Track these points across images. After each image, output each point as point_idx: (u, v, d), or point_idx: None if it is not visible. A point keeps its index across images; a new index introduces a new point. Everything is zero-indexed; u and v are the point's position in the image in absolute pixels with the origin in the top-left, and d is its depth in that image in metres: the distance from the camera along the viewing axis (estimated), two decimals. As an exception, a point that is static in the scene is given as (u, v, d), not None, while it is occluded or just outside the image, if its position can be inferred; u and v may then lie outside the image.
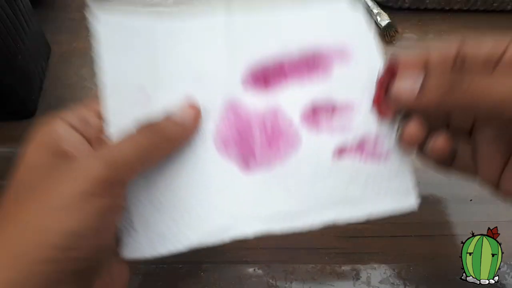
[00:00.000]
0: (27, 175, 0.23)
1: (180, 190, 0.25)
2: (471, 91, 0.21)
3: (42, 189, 0.21)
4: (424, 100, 0.22)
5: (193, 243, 0.25)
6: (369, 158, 0.26)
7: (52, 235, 0.20)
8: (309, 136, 0.26)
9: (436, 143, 0.24)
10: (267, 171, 0.26)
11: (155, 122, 0.24)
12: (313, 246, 0.34)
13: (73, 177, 0.21)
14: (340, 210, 0.25)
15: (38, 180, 0.22)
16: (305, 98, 0.27)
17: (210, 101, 0.27)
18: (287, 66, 0.28)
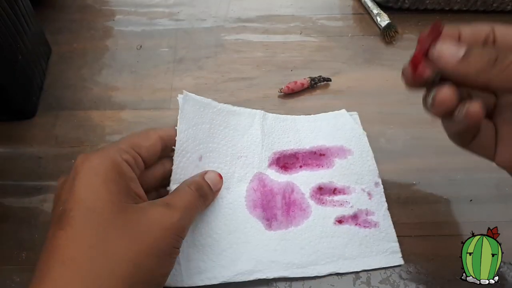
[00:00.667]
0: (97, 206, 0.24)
1: (218, 236, 0.33)
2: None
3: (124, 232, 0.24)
4: (465, 67, 0.23)
5: (224, 280, 0.32)
6: (362, 225, 0.35)
7: (158, 275, 0.25)
8: (316, 207, 0.35)
9: (471, 108, 0.24)
10: (285, 230, 0.34)
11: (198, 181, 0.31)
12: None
13: (159, 224, 0.25)
14: (340, 264, 0.33)
15: (118, 219, 0.24)
16: (313, 181, 0.37)
17: (245, 174, 0.36)
18: (300, 157, 0.38)
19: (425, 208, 0.36)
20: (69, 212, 0.23)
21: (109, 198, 0.24)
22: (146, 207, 0.25)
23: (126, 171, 0.26)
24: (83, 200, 0.24)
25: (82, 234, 0.23)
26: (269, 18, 0.49)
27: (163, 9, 0.50)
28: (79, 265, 0.22)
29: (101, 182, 0.24)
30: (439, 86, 0.25)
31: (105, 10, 0.50)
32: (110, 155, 0.26)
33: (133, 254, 0.23)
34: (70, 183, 0.25)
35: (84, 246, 0.22)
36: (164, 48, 0.46)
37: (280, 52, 0.46)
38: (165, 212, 0.25)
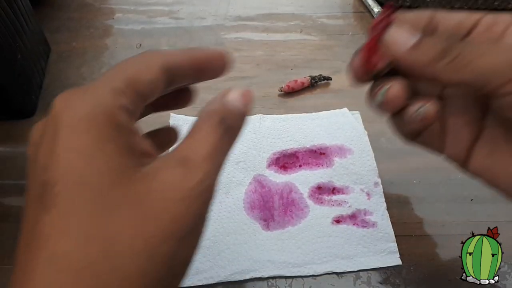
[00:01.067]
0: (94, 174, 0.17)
1: (215, 239, 0.33)
2: (459, 60, 0.21)
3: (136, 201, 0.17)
4: (415, 56, 0.22)
5: (221, 279, 0.32)
6: (360, 225, 0.34)
7: (179, 264, 0.18)
8: (314, 207, 0.35)
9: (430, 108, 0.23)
10: (282, 230, 0.34)
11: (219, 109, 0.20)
12: (312, 246, 0.34)
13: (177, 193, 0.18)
14: (337, 263, 0.33)
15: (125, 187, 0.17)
16: (313, 180, 0.37)
17: (243, 178, 0.36)
18: (300, 156, 0.38)
19: (425, 207, 0.36)
20: (53, 186, 0.17)
21: (105, 165, 0.17)
22: (155, 169, 0.18)
23: (125, 122, 0.18)
24: (70, 169, 0.17)
25: (73, 220, 0.16)
26: (269, 17, 0.49)
27: (163, 8, 0.49)
28: (75, 265, 0.16)
29: (93, 143, 0.17)
30: (390, 81, 0.24)
31: (105, 9, 0.49)
32: (101, 101, 0.18)
33: (143, 242, 0.16)
34: (49, 142, 0.17)
35: (78, 237, 0.16)
36: (164, 47, 0.46)
37: (280, 51, 0.46)
38: (180, 173, 0.18)
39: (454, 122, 0.25)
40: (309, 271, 0.32)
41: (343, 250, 0.33)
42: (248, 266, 0.32)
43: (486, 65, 0.20)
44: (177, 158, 0.18)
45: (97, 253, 0.16)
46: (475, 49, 0.21)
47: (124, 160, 0.17)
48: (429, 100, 0.24)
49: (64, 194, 0.16)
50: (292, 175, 0.37)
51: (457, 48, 0.21)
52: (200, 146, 0.19)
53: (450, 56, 0.21)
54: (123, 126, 0.18)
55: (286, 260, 0.33)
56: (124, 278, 0.16)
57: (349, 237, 0.34)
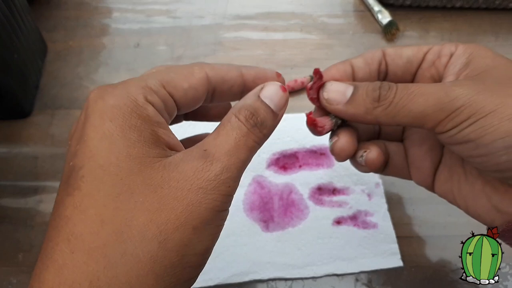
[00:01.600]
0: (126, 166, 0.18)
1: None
2: (393, 107, 0.21)
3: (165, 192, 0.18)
4: (352, 109, 0.23)
5: (220, 281, 0.31)
6: (361, 226, 0.34)
7: (192, 254, 0.18)
8: (315, 208, 0.35)
9: (369, 156, 0.25)
10: (282, 232, 0.34)
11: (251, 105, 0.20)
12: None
13: (206, 185, 0.18)
14: (338, 265, 0.33)
15: (153, 177, 0.18)
16: (313, 181, 0.36)
17: (243, 178, 0.35)
18: (300, 156, 0.38)
19: (426, 209, 0.36)
20: (78, 171, 0.18)
21: (127, 152, 0.18)
22: (177, 160, 0.19)
23: (152, 115, 0.19)
24: (94, 154, 0.18)
25: (92, 202, 0.17)
26: (269, 15, 0.48)
27: (161, 7, 0.49)
28: (88, 244, 0.17)
29: (118, 130, 0.18)
30: (337, 134, 0.25)
31: (102, 8, 0.49)
32: (130, 94, 0.19)
33: (156, 228, 0.17)
34: (80, 130, 0.19)
35: (94, 219, 0.17)
36: (162, 46, 0.46)
37: (280, 50, 0.46)
38: (200, 165, 0.18)
39: (415, 153, 0.26)
40: (309, 273, 0.32)
41: (344, 251, 0.33)
42: (247, 268, 0.32)
43: (417, 108, 0.21)
44: (198, 151, 0.19)
45: (109, 235, 0.17)
46: (406, 94, 0.21)
47: (146, 149, 0.18)
48: (368, 147, 0.25)
49: (87, 178, 0.18)
50: (292, 176, 0.37)
51: (389, 95, 0.22)
52: (223, 141, 0.19)
53: (384, 104, 0.22)
54: (149, 118, 0.19)
55: (286, 261, 0.32)
56: (134, 262, 0.17)
57: (350, 238, 0.33)
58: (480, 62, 0.22)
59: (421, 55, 0.24)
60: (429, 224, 0.35)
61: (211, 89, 0.22)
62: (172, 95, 0.20)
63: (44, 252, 0.17)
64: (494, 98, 0.20)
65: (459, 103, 0.20)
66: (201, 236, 0.18)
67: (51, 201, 0.36)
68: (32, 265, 0.33)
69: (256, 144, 0.20)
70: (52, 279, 0.16)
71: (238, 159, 0.19)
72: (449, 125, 0.20)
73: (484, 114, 0.20)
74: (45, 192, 0.37)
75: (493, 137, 0.20)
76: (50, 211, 0.36)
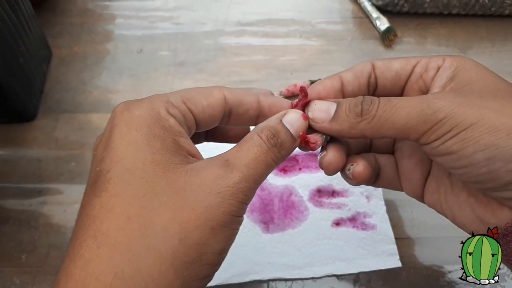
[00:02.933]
0: (149, 170, 0.20)
1: None
2: (376, 120, 0.22)
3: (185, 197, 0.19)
4: (337, 126, 0.23)
5: (220, 281, 0.32)
6: (360, 228, 0.35)
7: (209, 252, 0.19)
8: (314, 209, 0.36)
9: (356, 169, 0.25)
10: (282, 233, 0.34)
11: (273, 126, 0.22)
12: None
13: (222, 190, 0.20)
14: (337, 266, 0.33)
15: (174, 183, 0.19)
16: (312, 183, 0.37)
17: None
18: (300, 159, 0.38)
19: (425, 210, 0.36)
20: (105, 174, 0.19)
21: (152, 158, 0.19)
22: (199, 167, 0.20)
23: (173, 125, 0.21)
24: (121, 159, 0.19)
25: (119, 201, 0.19)
26: (269, 22, 0.49)
27: (163, 13, 0.50)
28: (113, 240, 0.18)
29: (143, 138, 0.20)
30: (325, 150, 0.25)
31: (106, 14, 0.50)
32: (154, 107, 0.21)
33: (178, 226, 0.18)
34: (106, 138, 0.21)
35: (120, 216, 0.18)
36: (165, 52, 0.47)
37: (280, 56, 0.46)
38: (221, 172, 0.20)
39: (404, 164, 0.27)
40: (309, 274, 0.33)
41: (343, 252, 0.33)
42: (248, 268, 0.32)
43: (400, 121, 0.21)
44: (220, 160, 0.21)
45: (134, 231, 0.18)
46: (389, 107, 0.22)
47: (169, 156, 0.20)
48: (356, 161, 0.25)
49: (114, 180, 0.19)
50: (292, 178, 0.37)
51: (371, 109, 0.22)
52: (244, 154, 0.21)
53: (367, 118, 0.22)
54: (171, 128, 0.21)
55: (286, 262, 0.33)
56: (157, 257, 0.18)
57: (349, 239, 0.34)
58: (465, 75, 0.23)
59: (409, 68, 0.25)
60: (427, 226, 0.35)
61: (228, 110, 0.23)
62: (192, 111, 0.22)
63: (71, 249, 0.19)
64: (475, 111, 0.20)
65: (442, 115, 0.20)
66: (218, 236, 0.20)
67: (54, 203, 0.37)
68: (35, 266, 0.34)
69: (273, 162, 0.22)
70: (79, 273, 0.18)
71: (256, 172, 0.21)
72: (432, 137, 0.21)
73: (466, 126, 0.20)
74: (49, 194, 0.37)
75: (474, 149, 0.20)
76: (53, 213, 0.36)
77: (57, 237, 0.35)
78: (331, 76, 0.25)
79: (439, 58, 0.24)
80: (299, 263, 0.33)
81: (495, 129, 0.20)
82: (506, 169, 0.20)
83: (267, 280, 0.32)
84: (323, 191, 0.37)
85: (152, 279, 0.18)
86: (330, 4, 0.51)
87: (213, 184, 0.20)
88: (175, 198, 0.19)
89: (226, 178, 0.20)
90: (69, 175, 0.38)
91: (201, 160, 0.21)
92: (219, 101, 0.23)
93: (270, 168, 0.22)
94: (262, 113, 0.24)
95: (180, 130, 0.21)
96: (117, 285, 0.17)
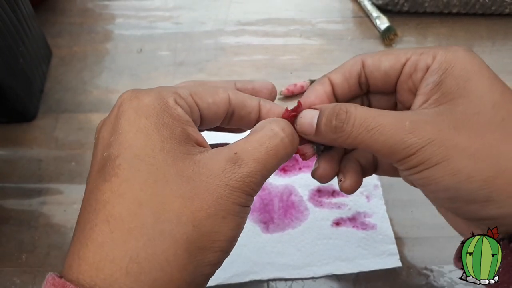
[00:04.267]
0: (153, 160, 0.19)
1: None
2: (352, 139, 0.22)
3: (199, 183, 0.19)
4: (321, 136, 0.23)
5: (220, 281, 0.32)
6: (360, 227, 0.35)
7: (222, 239, 0.20)
8: (314, 209, 0.36)
9: (343, 185, 0.25)
10: (282, 233, 0.34)
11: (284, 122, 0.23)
12: (313, 248, 0.34)
13: (227, 179, 0.20)
14: (337, 265, 0.33)
15: (182, 171, 0.19)
16: (313, 183, 0.36)
17: None
18: (300, 159, 0.38)
19: (424, 210, 0.36)
20: (115, 159, 0.19)
21: (161, 146, 0.19)
22: (207, 157, 0.20)
23: (181, 115, 0.21)
24: (131, 145, 0.19)
25: (130, 187, 0.19)
26: (269, 21, 0.49)
27: (163, 13, 0.50)
28: (127, 224, 0.18)
29: (153, 126, 0.20)
30: (317, 162, 0.25)
31: (105, 14, 0.50)
32: (162, 96, 0.21)
33: (191, 214, 0.19)
34: (113, 124, 0.20)
35: (132, 202, 0.18)
36: (165, 51, 0.47)
37: (280, 55, 0.46)
38: (229, 166, 0.20)
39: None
40: (309, 273, 0.33)
41: (343, 252, 0.33)
42: (248, 268, 0.32)
43: (375, 146, 0.21)
44: (229, 153, 0.21)
45: (148, 216, 0.18)
46: (365, 130, 0.21)
47: (177, 145, 0.20)
48: (345, 175, 0.25)
49: (124, 165, 0.19)
50: (291, 178, 0.37)
51: (346, 128, 0.22)
52: (254, 147, 0.21)
53: (342, 136, 0.22)
54: (179, 117, 0.21)
55: (286, 262, 0.33)
56: (172, 241, 0.18)
57: (349, 239, 0.34)
58: (452, 84, 0.22)
59: (398, 67, 0.24)
60: (427, 225, 0.35)
61: (231, 111, 0.24)
62: (198, 105, 0.22)
63: (81, 233, 0.19)
64: (442, 150, 0.20)
65: (412, 151, 0.21)
66: (229, 225, 0.20)
67: (54, 203, 0.37)
68: (35, 266, 0.34)
69: (285, 155, 0.22)
70: (93, 256, 0.18)
71: (265, 167, 0.21)
72: (402, 168, 0.22)
73: (431, 165, 0.20)
74: (49, 194, 0.37)
75: (436, 188, 0.21)
76: (53, 213, 0.36)
77: (57, 237, 0.35)
78: (320, 81, 0.25)
79: (429, 55, 0.23)
80: (299, 263, 0.33)
81: (457, 172, 0.20)
82: (466, 209, 0.21)
83: (267, 280, 0.32)
84: (323, 191, 0.37)
85: (168, 263, 0.18)
86: (330, 3, 0.51)
87: (221, 176, 0.20)
88: (186, 186, 0.19)
89: (234, 172, 0.20)
90: (69, 175, 0.38)
91: (210, 151, 0.21)
92: (224, 100, 0.23)
93: (281, 162, 0.22)
94: (260, 118, 0.24)
95: (188, 119, 0.21)
96: (132, 268, 0.17)
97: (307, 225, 0.35)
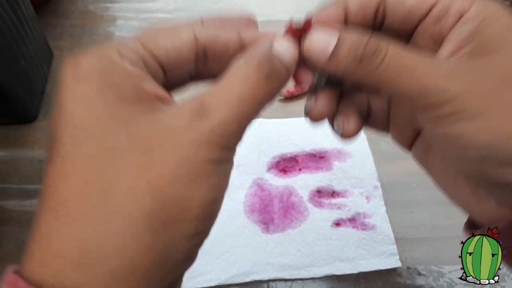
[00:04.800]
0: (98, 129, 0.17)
1: (215, 240, 0.33)
2: (377, 76, 0.19)
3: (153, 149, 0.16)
4: (331, 68, 0.19)
5: (221, 282, 0.32)
6: (360, 228, 0.35)
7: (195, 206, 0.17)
8: (314, 210, 0.36)
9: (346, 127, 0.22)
10: (282, 233, 0.34)
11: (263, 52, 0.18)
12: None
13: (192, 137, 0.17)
14: (337, 266, 0.33)
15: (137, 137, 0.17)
16: (312, 184, 0.37)
17: (243, 181, 0.37)
18: (300, 160, 0.38)
19: (424, 210, 0.36)
20: (57, 139, 0.17)
21: (107, 111, 0.16)
22: (169, 114, 0.17)
23: (130, 70, 0.17)
24: (71, 117, 0.17)
25: (72, 166, 0.16)
26: (270, 23, 0.49)
27: (164, 15, 0.50)
28: (72, 210, 0.15)
29: (94, 90, 0.17)
30: (314, 98, 0.22)
31: (107, 16, 0.50)
32: (104, 53, 0.18)
33: (147, 184, 0.16)
34: (57, 100, 0.18)
35: (77, 182, 0.16)
36: (165, 53, 0.47)
37: (280, 57, 0.46)
38: (195, 118, 0.17)
39: (397, 115, 0.24)
40: (309, 274, 0.33)
41: (343, 252, 0.33)
42: (248, 268, 0.33)
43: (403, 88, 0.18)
44: (195, 103, 0.17)
45: (95, 197, 0.16)
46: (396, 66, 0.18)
47: (128, 107, 0.17)
48: (347, 116, 0.22)
49: (66, 141, 0.16)
50: (292, 179, 0.37)
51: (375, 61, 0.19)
52: (225, 91, 0.18)
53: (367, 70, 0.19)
54: (129, 73, 0.17)
55: (286, 262, 0.33)
56: (127, 221, 0.15)
57: (349, 239, 0.34)
58: (491, 35, 0.19)
59: (426, 7, 0.21)
60: (427, 226, 0.35)
61: (201, 51, 0.19)
62: (154, 54, 0.18)
63: (33, 227, 0.16)
64: (483, 102, 0.18)
65: (446, 98, 0.18)
66: (202, 188, 0.17)
67: (55, 204, 0.37)
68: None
69: (264, 97, 0.18)
70: (38, 249, 0.16)
71: (241, 112, 0.17)
72: (429, 116, 0.19)
73: (466, 117, 0.18)
74: (50, 195, 0.37)
75: (468, 144, 0.18)
76: (54, 214, 0.36)
77: (58, 237, 0.35)
78: (336, 3, 0.21)
79: (465, 0, 0.20)
80: (299, 264, 0.33)
81: (496, 129, 0.18)
82: (495, 172, 0.19)
83: (267, 281, 0.33)
84: (323, 191, 0.37)
85: (125, 247, 0.15)
86: (330, 5, 0.51)
87: (185, 132, 0.17)
88: (140, 153, 0.16)
89: (201, 124, 0.17)
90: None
91: (173, 106, 0.18)
92: (187, 43, 0.19)
93: (261, 105, 0.18)
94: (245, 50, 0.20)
95: (140, 73, 0.18)
96: (84, 260, 0.15)
97: (307, 225, 0.35)
